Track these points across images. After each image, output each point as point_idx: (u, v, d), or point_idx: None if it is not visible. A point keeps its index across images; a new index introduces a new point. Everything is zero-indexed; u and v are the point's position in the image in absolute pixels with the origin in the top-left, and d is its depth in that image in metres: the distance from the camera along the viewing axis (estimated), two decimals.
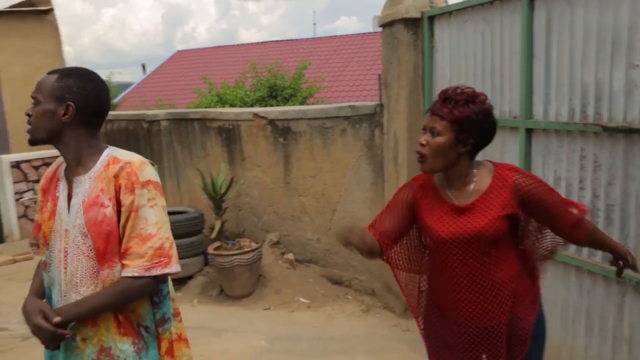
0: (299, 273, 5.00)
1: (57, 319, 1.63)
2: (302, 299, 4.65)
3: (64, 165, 1.80)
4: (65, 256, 1.72)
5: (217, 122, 5.76)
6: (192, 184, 6.04)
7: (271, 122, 5.24)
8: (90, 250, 1.69)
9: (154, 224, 1.67)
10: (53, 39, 7.59)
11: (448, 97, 1.84)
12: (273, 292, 4.76)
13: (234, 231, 5.67)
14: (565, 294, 2.96)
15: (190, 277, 5.08)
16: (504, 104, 3.31)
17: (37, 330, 1.66)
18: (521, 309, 1.93)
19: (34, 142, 1.73)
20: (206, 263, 5.12)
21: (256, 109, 5.80)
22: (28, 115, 1.72)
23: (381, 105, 4.37)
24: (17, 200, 7.15)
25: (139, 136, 6.53)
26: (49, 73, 1.75)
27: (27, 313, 1.70)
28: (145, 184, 1.69)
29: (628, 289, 2.63)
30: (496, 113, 3.30)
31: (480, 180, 1.89)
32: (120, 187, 1.68)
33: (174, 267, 1.69)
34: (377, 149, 4.40)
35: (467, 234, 1.85)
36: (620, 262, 2.05)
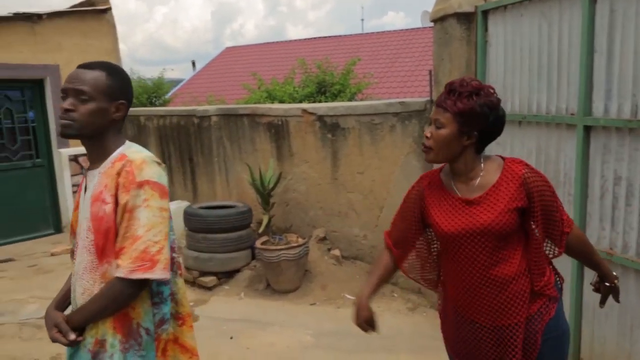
0: (345, 269, 5.00)
1: (72, 337, 1.67)
2: (347, 296, 4.64)
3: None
4: (77, 247, 1.79)
5: (266, 117, 5.81)
6: (240, 179, 6.13)
7: (320, 118, 5.25)
8: (92, 244, 1.70)
9: (143, 225, 1.63)
10: (110, 37, 7.86)
11: (453, 89, 1.83)
12: (319, 287, 4.78)
13: (281, 226, 5.72)
14: (623, 298, 2.83)
15: (237, 271, 5.16)
16: (561, 100, 3.20)
17: (54, 340, 1.72)
18: (534, 309, 1.88)
19: (73, 136, 1.72)
20: (253, 257, 5.19)
21: (305, 105, 5.82)
22: (69, 110, 1.69)
23: (431, 102, 4.30)
24: (74, 192, 7.46)
25: (190, 131, 6.67)
26: (84, 67, 1.74)
27: (46, 323, 1.76)
28: (142, 184, 1.65)
29: None
30: (552, 110, 3.24)
31: (487, 175, 1.87)
32: (119, 186, 1.66)
33: (158, 274, 1.63)
34: None
35: (476, 228, 1.82)
36: (606, 284, 2.02)
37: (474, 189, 1.87)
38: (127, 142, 1.80)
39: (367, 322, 2.05)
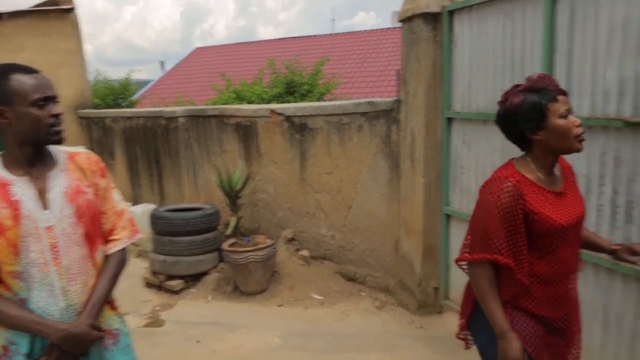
0: (313, 269, 4.97)
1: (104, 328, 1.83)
2: (315, 296, 4.62)
3: None
4: (56, 252, 1.72)
5: (235, 118, 5.76)
6: (209, 181, 6.05)
7: (288, 118, 5.22)
8: (81, 237, 1.77)
9: (119, 201, 1.94)
10: (74, 38, 7.68)
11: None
12: (287, 288, 4.74)
13: (249, 227, 5.67)
14: (581, 291, 2.88)
15: (205, 274, 5.08)
16: None
17: (95, 340, 1.77)
18: None
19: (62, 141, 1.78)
20: (221, 259, 5.12)
21: (273, 106, 5.78)
22: (58, 115, 1.72)
23: (399, 101, 4.32)
24: None
25: (157, 133, 6.56)
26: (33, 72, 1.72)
27: (77, 337, 1.70)
28: (106, 169, 1.93)
29: None
30: None
31: (556, 168, 1.94)
32: (94, 173, 1.86)
33: (140, 233, 2.00)
34: (394, 145, 4.35)
35: (579, 216, 1.89)
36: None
37: (558, 180, 1.91)
38: None
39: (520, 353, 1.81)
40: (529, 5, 3.16)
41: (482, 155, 3.64)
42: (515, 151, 3.25)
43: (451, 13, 3.81)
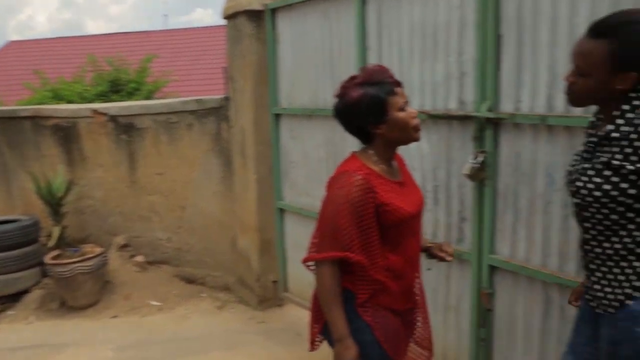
0: (150, 275, 4.76)
1: None
2: (153, 302, 4.43)
3: None
4: None
5: (52, 119, 5.28)
6: (26, 189, 5.46)
7: (113, 118, 4.92)
8: None
9: None
10: None
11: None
12: (122, 298, 4.48)
13: (77, 237, 5.24)
14: None
15: (25, 292, 4.59)
16: None
17: None
18: None
19: None
20: (45, 274, 4.67)
21: (96, 105, 5.42)
22: None
23: (227, 99, 4.30)
24: None
25: None
26: None
27: None
28: None
29: (453, 261, 2.88)
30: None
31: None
32: None
33: None
34: (225, 142, 4.33)
35: (420, 204, 1.96)
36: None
37: (396, 172, 1.93)
38: None
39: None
40: (343, 6, 3.33)
41: (309, 149, 3.78)
42: (340, 144, 3.44)
43: (274, 11, 3.88)
